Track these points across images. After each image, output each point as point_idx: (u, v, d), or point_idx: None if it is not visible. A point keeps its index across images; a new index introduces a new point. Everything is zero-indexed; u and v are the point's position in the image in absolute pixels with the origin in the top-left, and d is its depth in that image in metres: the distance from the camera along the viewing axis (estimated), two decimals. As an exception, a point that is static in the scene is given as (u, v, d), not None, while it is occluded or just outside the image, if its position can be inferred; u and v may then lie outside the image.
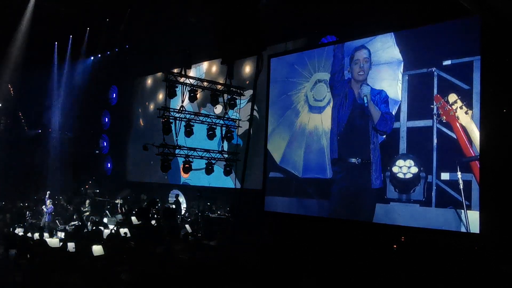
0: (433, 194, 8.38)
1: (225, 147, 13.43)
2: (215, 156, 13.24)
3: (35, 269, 8.97)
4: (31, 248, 9.83)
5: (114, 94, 20.43)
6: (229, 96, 12.91)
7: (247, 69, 14.11)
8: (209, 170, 12.99)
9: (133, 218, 12.57)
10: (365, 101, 9.30)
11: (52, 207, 14.62)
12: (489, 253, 7.80)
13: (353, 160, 9.59)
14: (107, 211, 15.46)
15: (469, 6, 6.25)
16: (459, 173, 8.07)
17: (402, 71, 9.02)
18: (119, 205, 15.69)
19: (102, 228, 11.79)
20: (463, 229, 7.89)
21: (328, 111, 10.23)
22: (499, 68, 7.94)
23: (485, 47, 7.96)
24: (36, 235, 10.88)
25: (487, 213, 7.76)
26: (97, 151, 20.91)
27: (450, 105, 8.30)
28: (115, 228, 11.87)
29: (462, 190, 8.00)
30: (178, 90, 12.41)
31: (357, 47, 9.71)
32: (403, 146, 8.90)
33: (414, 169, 8.69)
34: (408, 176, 8.76)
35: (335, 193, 9.88)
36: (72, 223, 13.44)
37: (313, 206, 10.31)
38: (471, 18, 7.86)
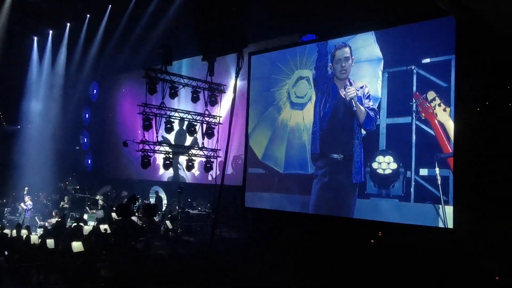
0: (412, 189, 8.29)
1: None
2: (196, 153, 13.00)
3: (14, 266, 8.65)
4: (9, 245, 9.50)
5: (95, 90, 20.01)
6: (209, 93, 12.72)
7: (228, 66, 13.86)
8: (189, 166, 12.76)
9: (113, 215, 12.24)
10: (353, 105, 9.14)
11: (31, 203, 14.20)
12: (462, 247, 7.72)
13: (335, 156, 9.42)
14: (87, 208, 15.08)
15: (443, 6, 6.14)
16: (437, 169, 8.00)
17: (382, 68, 8.91)
18: (99, 201, 15.27)
19: (82, 224, 11.43)
20: (440, 224, 7.82)
21: (310, 107, 10.05)
22: (473, 66, 7.89)
23: (459, 46, 7.92)
24: (14, 232, 10.47)
25: (460, 208, 7.72)
26: (77, 147, 20.42)
27: (429, 103, 8.22)
28: (95, 225, 11.56)
29: (440, 185, 7.93)
30: (159, 86, 12.16)
31: (338, 45, 9.55)
32: (382, 142, 8.79)
33: (394, 165, 8.59)
34: (388, 172, 8.66)
35: (317, 188, 9.72)
36: (52, 219, 12.98)
37: (295, 202, 10.14)
38: (449, 18, 7.75)
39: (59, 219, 11.98)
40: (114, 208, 12.83)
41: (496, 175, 7.66)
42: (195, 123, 12.83)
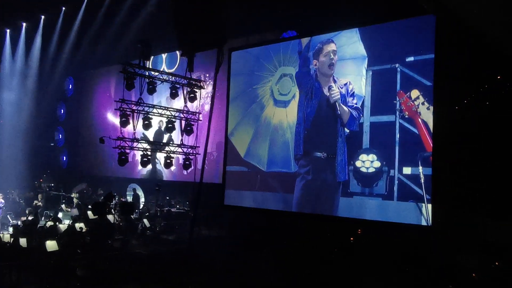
0: (395, 188, 8.16)
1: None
2: (175, 150, 12.60)
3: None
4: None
5: (70, 85, 19.40)
6: (189, 89, 12.38)
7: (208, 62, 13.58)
8: (167, 164, 12.41)
9: (89, 213, 11.84)
10: (337, 107, 8.93)
11: (3, 201, 13.66)
12: (441, 244, 7.68)
13: (319, 154, 9.19)
14: (62, 206, 14.62)
15: (423, 4, 6.00)
16: (420, 167, 7.88)
17: (366, 66, 8.74)
18: (74, 199, 14.80)
19: (56, 223, 11.11)
20: (423, 222, 7.72)
21: (293, 105, 9.80)
22: (453, 65, 7.81)
23: (439, 45, 7.84)
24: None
25: (439, 206, 7.68)
26: (52, 144, 19.81)
27: (413, 101, 8.10)
28: (70, 223, 11.22)
29: (423, 184, 7.82)
30: (136, 82, 11.71)
31: (323, 40, 9.32)
32: (366, 140, 8.64)
33: (377, 164, 8.43)
34: (371, 170, 8.50)
35: (300, 187, 9.51)
36: (25, 218, 12.48)
37: (278, 200, 9.91)
38: (431, 15, 7.67)
39: (33, 218, 11.59)
40: (90, 206, 12.44)
41: (474, 173, 7.64)
42: (174, 120, 12.47)
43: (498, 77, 7.65)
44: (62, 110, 19.60)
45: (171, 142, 13.17)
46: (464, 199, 7.69)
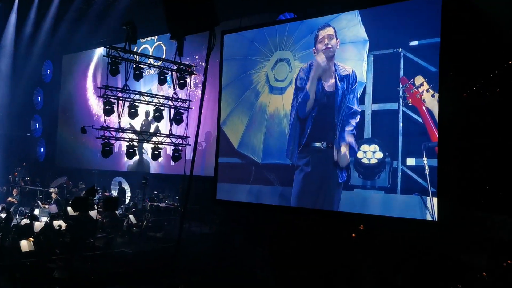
0: (399, 180, 8.35)
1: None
2: (163, 140, 12.80)
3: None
4: None
5: (49, 70, 19.50)
6: (178, 75, 12.56)
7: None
8: (155, 155, 12.61)
9: (69, 209, 11.93)
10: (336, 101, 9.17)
11: None
12: (447, 241, 7.90)
13: (318, 144, 9.38)
14: (39, 202, 14.70)
15: None
16: (425, 158, 8.06)
17: (367, 51, 8.91)
18: (53, 194, 14.88)
19: (32, 221, 11.11)
20: (428, 217, 7.92)
21: (290, 92, 9.97)
22: (460, 50, 8.00)
23: (445, 28, 7.98)
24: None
25: (445, 200, 7.85)
26: (28, 134, 19.90)
27: (417, 88, 8.28)
28: (47, 221, 11.33)
29: (428, 176, 8.00)
30: (122, 67, 11.98)
31: (320, 26, 9.48)
32: (368, 130, 8.82)
33: (379, 154, 8.64)
34: (373, 161, 8.70)
35: (298, 180, 9.68)
36: None
37: (274, 194, 10.08)
38: None
39: (6, 215, 11.64)
40: (70, 202, 12.46)
41: (483, 165, 7.87)
42: (162, 108, 12.65)
43: (510, 62, 7.83)
44: (39, 97, 19.65)
45: (159, 133, 13.34)
46: (472, 192, 7.91)
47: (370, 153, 8.74)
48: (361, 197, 8.80)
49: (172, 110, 12.77)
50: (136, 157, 13.54)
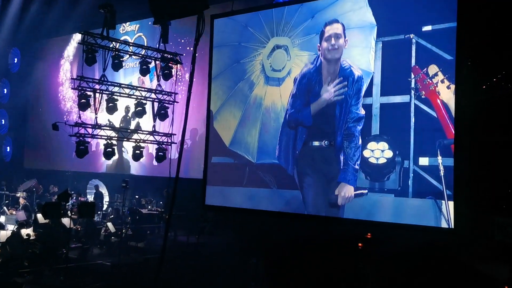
0: (410, 182, 8.31)
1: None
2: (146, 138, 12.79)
3: None
4: None
5: (16, 59, 19.51)
6: (163, 64, 12.57)
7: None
8: (137, 155, 12.60)
9: (39, 216, 12.01)
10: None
11: None
12: (465, 250, 7.89)
13: (319, 143, 9.37)
14: (4, 208, 14.77)
15: None
16: (439, 157, 8.02)
17: (375, 37, 8.85)
18: (20, 199, 14.91)
19: None
20: (443, 223, 7.88)
21: (289, 83, 9.91)
22: (479, 35, 7.94)
23: (462, 10, 7.91)
24: None
25: (461, 204, 7.79)
26: (-7, 131, 19.87)
27: (430, 78, 8.23)
28: (15, 229, 11.46)
29: (443, 177, 7.95)
30: (99, 56, 12.03)
31: (328, 21, 9.37)
32: (375, 126, 8.76)
33: (389, 153, 8.58)
34: (382, 161, 8.64)
35: (298, 181, 9.63)
36: None
37: (270, 198, 10.03)
38: None
39: None
40: (40, 208, 12.50)
41: (505, 165, 7.78)
42: (145, 102, 12.63)
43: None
44: (5, 89, 19.66)
45: (140, 130, 13.32)
46: (493, 196, 7.86)
47: (378, 152, 8.68)
48: (368, 201, 8.75)
49: (156, 104, 12.77)
50: (115, 157, 13.50)
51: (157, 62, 12.83)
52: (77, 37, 16.77)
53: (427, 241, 8.16)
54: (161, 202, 14.00)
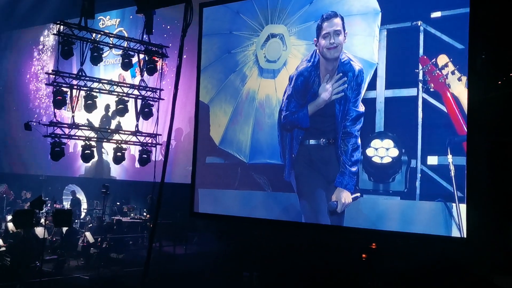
0: (418, 183, 8.41)
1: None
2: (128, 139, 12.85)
3: None
4: None
5: None
6: (146, 58, 12.60)
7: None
8: (118, 158, 12.61)
9: (10, 225, 12.14)
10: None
11: None
12: (477, 259, 8.00)
13: (316, 141, 9.48)
14: None
15: None
16: (450, 156, 8.13)
17: (379, 24, 8.98)
18: None
19: None
20: (454, 228, 7.97)
21: (284, 75, 10.03)
22: (494, 22, 8.12)
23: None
24: None
25: (475, 208, 7.86)
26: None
27: (440, 70, 8.35)
28: None
29: (453, 178, 8.06)
30: (76, 48, 11.98)
31: (325, 15, 9.39)
32: (380, 122, 8.89)
33: (394, 152, 8.69)
34: (387, 160, 8.76)
35: (295, 185, 9.74)
36: None
37: (264, 202, 10.13)
38: None
39: None
40: (11, 216, 12.69)
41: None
42: (127, 99, 12.67)
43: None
44: (-31, 86, 19.62)
45: (122, 130, 13.34)
46: (509, 198, 7.99)
47: (383, 150, 8.78)
48: (372, 205, 8.86)
49: (139, 102, 12.78)
50: (95, 158, 13.52)
51: (141, 55, 12.85)
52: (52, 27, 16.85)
53: (437, 252, 8.25)
54: (144, 210, 14.01)
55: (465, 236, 7.84)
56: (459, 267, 8.04)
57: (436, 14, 8.41)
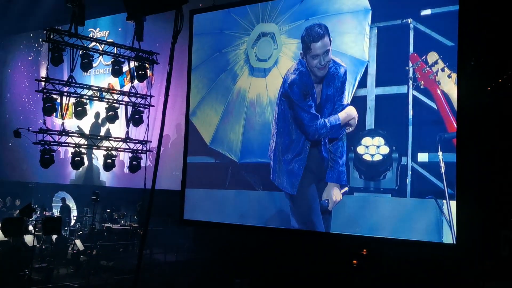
0: (408, 180, 8.49)
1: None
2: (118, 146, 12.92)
3: None
4: None
5: None
6: (137, 64, 12.69)
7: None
8: (108, 165, 12.65)
9: None
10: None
11: None
12: (470, 260, 8.05)
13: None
14: None
15: None
16: (440, 153, 8.23)
17: (370, 22, 9.11)
18: None
19: None
20: (445, 224, 8.03)
21: (276, 73, 10.12)
22: (484, 19, 8.19)
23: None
24: None
25: (464, 206, 7.93)
26: None
27: (430, 67, 8.47)
28: None
29: (444, 174, 8.16)
30: (66, 55, 12.11)
31: (313, 35, 9.31)
32: (370, 119, 8.97)
33: (385, 149, 8.78)
34: (377, 158, 8.83)
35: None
36: None
37: (255, 201, 10.18)
38: None
39: None
40: None
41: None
42: (117, 106, 12.73)
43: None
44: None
45: (113, 137, 13.38)
46: (502, 195, 8.02)
47: (374, 148, 8.86)
48: (363, 203, 8.91)
49: (130, 108, 12.85)
50: (85, 164, 13.55)
51: (131, 62, 12.95)
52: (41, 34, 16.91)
53: (427, 257, 8.30)
54: (135, 217, 14.01)
55: (455, 233, 7.90)
56: (450, 272, 8.10)
57: (426, 12, 8.54)
